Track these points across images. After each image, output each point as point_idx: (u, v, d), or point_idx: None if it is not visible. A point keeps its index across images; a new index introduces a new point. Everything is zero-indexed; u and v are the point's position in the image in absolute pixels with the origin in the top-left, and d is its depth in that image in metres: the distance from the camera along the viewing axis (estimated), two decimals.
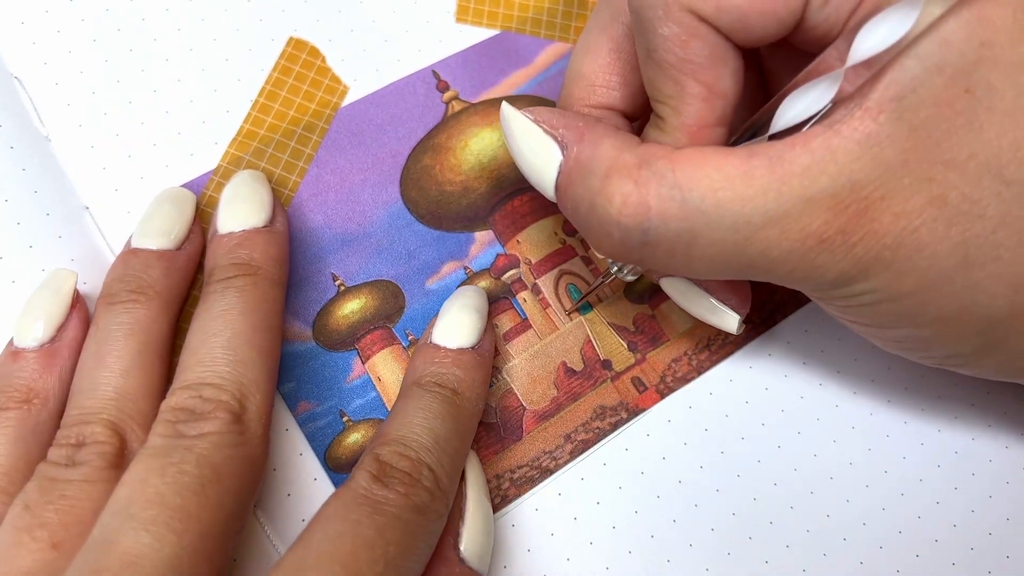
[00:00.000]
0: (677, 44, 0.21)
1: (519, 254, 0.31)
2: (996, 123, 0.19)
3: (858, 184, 0.20)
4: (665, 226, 0.21)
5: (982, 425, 0.31)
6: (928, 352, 0.24)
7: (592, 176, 0.22)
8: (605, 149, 0.22)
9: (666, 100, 0.22)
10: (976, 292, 0.21)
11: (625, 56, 0.25)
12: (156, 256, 0.26)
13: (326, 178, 0.31)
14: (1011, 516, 0.29)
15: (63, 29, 0.31)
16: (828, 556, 0.28)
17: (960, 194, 0.20)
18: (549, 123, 0.23)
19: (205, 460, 0.21)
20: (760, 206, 0.20)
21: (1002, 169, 0.19)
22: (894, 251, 0.20)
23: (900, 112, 0.19)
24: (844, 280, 0.21)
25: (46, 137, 0.30)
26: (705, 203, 0.21)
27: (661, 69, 0.22)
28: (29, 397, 0.24)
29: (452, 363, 0.26)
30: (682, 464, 0.29)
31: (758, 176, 0.20)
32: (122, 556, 0.19)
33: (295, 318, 0.29)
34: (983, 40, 0.19)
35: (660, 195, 0.21)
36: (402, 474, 0.23)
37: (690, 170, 0.21)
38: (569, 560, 0.27)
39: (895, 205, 0.20)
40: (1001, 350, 0.23)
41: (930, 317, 0.22)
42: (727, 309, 0.27)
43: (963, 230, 0.20)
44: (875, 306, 0.22)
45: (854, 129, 0.20)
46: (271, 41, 0.32)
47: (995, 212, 0.20)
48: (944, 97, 0.19)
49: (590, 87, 0.25)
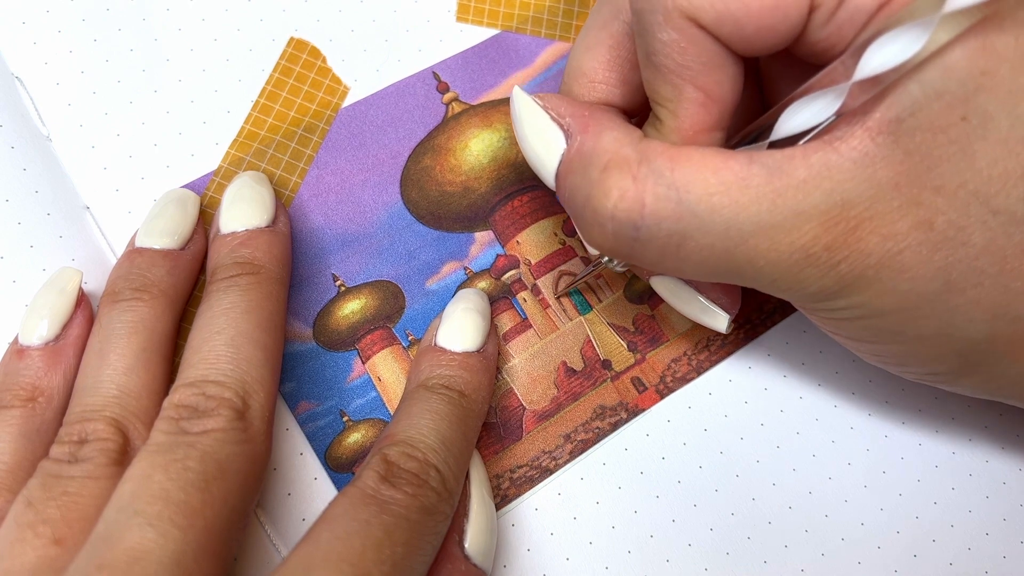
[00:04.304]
0: (676, 50, 0.21)
1: (519, 254, 0.31)
2: (989, 152, 0.19)
3: (849, 203, 0.20)
4: (658, 226, 0.21)
5: (979, 427, 0.31)
6: (906, 368, 0.24)
7: (592, 167, 0.22)
8: (607, 141, 0.22)
9: (664, 103, 0.22)
10: (955, 316, 0.21)
11: (625, 54, 0.25)
12: (161, 255, 0.27)
13: (326, 179, 0.31)
14: (1007, 516, 0.29)
15: (64, 29, 0.31)
16: (826, 556, 0.28)
17: (947, 220, 0.20)
18: (556, 110, 0.24)
19: (209, 456, 0.22)
20: (753, 215, 0.20)
21: (991, 199, 0.19)
22: (877, 271, 0.21)
23: (897, 135, 0.20)
24: (825, 295, 0.22)
25: (47, 137, 0.30)
26: (700, 206, 0.21)
27: (659, 73, 0.22)
28: (34, 395, 0.24)
29: (459, 365, 0.26)
30: (681, 464, 0.29)
31: (754, 185, 0.20)
32: (126, 552, 0.19)
33: (295, 318, 0.29)
34: (984, 69, 0.19)
35: (656, 194, 0.21)
36: (410, 475, 0.23)
37: (688, 171, 0.21)
38: (569, 560, 0.28)
39: (883, 227, 0.20)
40: (978, 372, 0.23)
41: (909, 336, 0.22)
42: (717, 308, 0.27)
43: (947, 255, 0.20)
44: (855, 321, 0.22)
45: (852, 148, 0.20)
46: (272, 41, 0.32)
47: (980, 240, 0.20)
48: (940, 123, 0.19)
49: (590, 83, 0.25)
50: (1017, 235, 0.20)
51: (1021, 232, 0.20)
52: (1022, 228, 0.20)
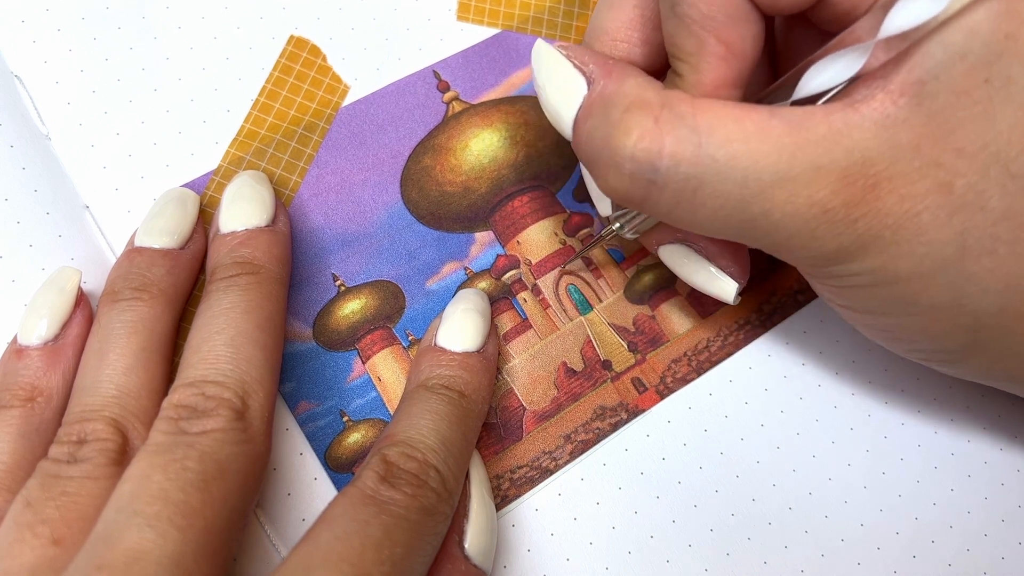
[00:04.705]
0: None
1: (519, 255, 0.31)
2: (1010, 116, 0.19)
3: (869, 161, 0.20)
4: (676, 168, 0.21)
5: (978, 428, 0.31)
6: (914, 344, 0.24)
7: (614, 108, 0.22)
8: (630, 86, 0.22)
9: (686, 57, 0.22)
10: (968, 284, 0.21)
11: (648, 13, 0.25)
12: (160, 255, 0.26)
13: (327, 178, 0.31)
14: (1006, 518, 0.29)
15: (63, 27, 0.31)
16: (826, 556, 0.28)
17: (966, 183, 0.20)
18: (580, 59, 0.24)
19: (208, 456, 0.21)
20: (772, 165, 0.20)
21: (1011, 162, 0.20)
22: (894, 232, 0.21)
23: (920, 98, 0.20)
24: (841, 255, 0.22)
25: (46, 136, 0.29)
26: (719, 152, 0.21)
27: (683, 24, 0.22)
28: (33, 395, 0.24)
29: (458, 366, 0.26)
30: (681, 465, 0.29)
31: (775, 136, 0.20)
32: (125, 552, 0.19)
33: (295, 318, 0.29)
34: (1008, 32, 0.19)
35: (677, 136, 0.21)
36: (409, 475, 0.23)
37: (710, 118, 0.21)
38: (569, 560, 0.27)
39: (902, 187, 0.20)
40: (987, 349, 0.23)
41: (921, 306, 0.22)
42: (726, 277, 0.27)
43: (964, 220, 0.20)
44: (867, 289, 0.22)
45: (873, 109, 0.20)
46: (272, 39, 0.32)
47: (998, 205, 0.20)
48: (963, 86, 0.19)
49: (611, 42, 0.25)
50: None
51: None
52: None
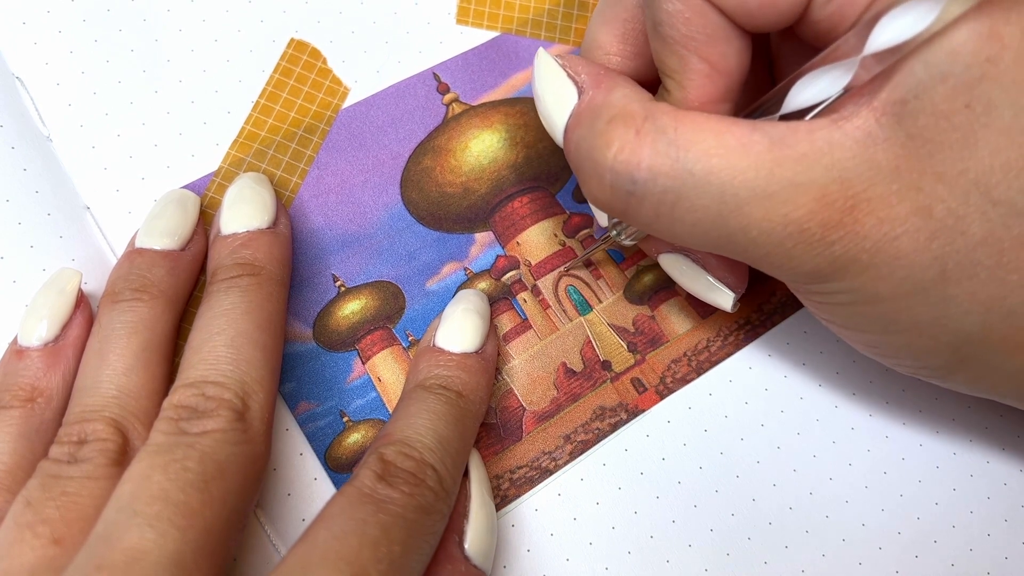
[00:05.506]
0: (680, 20, 0.21)
1: (519, 255, 0.31)
2: (991, 141, 0.19)
3: (848, 181, 0.20)
4: (654, 181, 0.21)
5: (980, 428, 0.31)
6: (899, 360, 0.24)
7: (598, 119, 0.22)
8: (616, 97, 0.23)
9: (671, 74, 0.23)
10: (950, 307, 0.21)
11: (639, 27, 0.26)
12: (161, 256, 0.27)
13: (327, 180, 0.31)
14: (1008, 517, 0.29)
15: (64, 29, 0.31)
16: (827, 557, 0.28)
17: (946, 208, 0.20)
18: (573, 68, 0.24)
19: (208, 457, 0.21)
20: (749, 181, 0.20)
21: (991, 189, 0.19)
22: (872, 255, 0.21)
23: (901, 117, 0.20)
24: (818, 276, 0.22)
25: (47, 137, 0.30)
26: (697, 165, 0.21)
27: (666, 44, 0.22)
28: (33, 396, 0.24)
29: (456, 366, 0.26)
30: (681, 465, 0.29)
31: (755, 152, 0.20)
32: (125, 552, 0.19)
33: (295, 319, 0.29)
34: (989, 56, 0.19)
35: (656, 149, 0.21)
36: (407, 474, 0.23)
37: (691, 132, 0.21)
38: (569, 560, 0.27)
39: (880, 210, 0.20)
40: (971, 366, 0.23)
41: (902, 325, 0.22)
42: (723, 287, 0.27)
43: (944, 244, 0.20)
44: (849, 307, 0.22)
45: (856, 127, 0.20)
46: (272, 42, 0.32)
47: (978, 230, 0.20)
48: (944, 109, 0.19)
49: (604, 55, 0.26)
50: (1016, 227, 0.20)
51: (1020, 224, 0.20)
52: (1021, 220, 0.20)
